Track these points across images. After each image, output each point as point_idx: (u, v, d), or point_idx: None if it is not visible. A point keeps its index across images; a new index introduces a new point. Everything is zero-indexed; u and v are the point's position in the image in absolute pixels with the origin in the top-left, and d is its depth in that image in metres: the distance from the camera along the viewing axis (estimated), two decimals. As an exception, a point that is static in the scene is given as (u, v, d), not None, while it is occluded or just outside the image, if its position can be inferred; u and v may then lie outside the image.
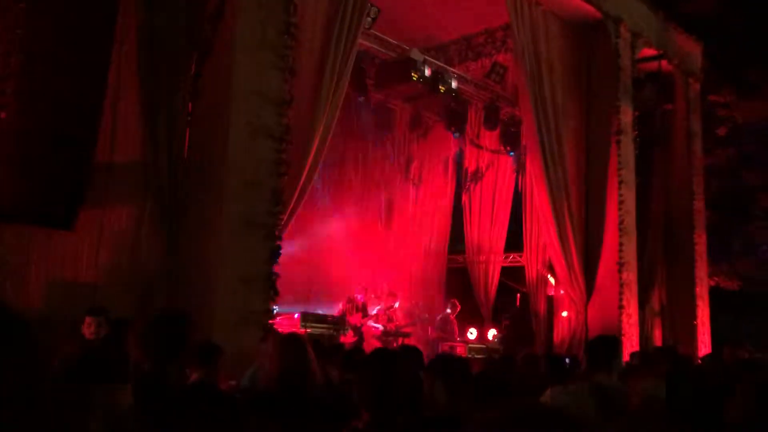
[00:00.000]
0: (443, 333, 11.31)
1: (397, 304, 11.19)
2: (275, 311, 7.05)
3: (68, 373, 2.02)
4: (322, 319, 9.31)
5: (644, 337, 11.53)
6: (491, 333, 12.00)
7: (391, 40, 10.26)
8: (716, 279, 16.12)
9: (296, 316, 9.01)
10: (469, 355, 10.15)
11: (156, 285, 6.35)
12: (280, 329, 8.11)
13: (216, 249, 6.43)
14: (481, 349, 10.71)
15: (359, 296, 10.98)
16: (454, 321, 11.57)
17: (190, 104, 6.71)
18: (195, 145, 6.71)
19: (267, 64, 6.76)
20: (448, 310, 11.64)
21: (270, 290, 6.76)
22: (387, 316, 10.99)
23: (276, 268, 6.80)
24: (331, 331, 9.08)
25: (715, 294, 13.95)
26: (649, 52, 12.09)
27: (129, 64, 6.52)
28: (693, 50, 13.44)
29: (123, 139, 6.50)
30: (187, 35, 6.64)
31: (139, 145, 6.53)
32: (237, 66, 6.61)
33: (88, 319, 5.49)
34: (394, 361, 2.63)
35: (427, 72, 10.42)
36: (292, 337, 3.34)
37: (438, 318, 11.71)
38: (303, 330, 8.82)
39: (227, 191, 6.45)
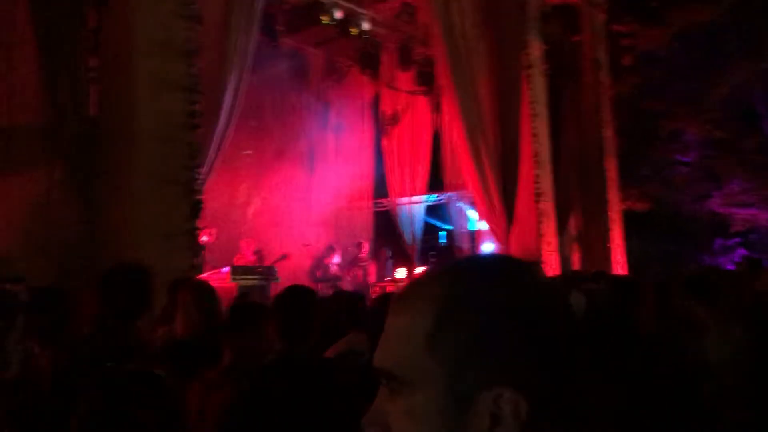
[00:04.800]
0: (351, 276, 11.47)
1: (336, 259, 11.27)
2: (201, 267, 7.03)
3: None
4: (251, 270, 9.30)
5: (563, 262, 12.10)
6: (419, 271, 12.30)
7: (298, -17, 10.05)
8: (627, 203, 16.93)
9: (225, 270, 8.96)
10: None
11: (74, 249, 6.18)
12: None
13: (133, 208, 6.28)
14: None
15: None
16: (366, 260, 11.74)
17: (90, 59, 6.43)
18: (101, 103, 6.46)
19: (170, 13, 6.51)
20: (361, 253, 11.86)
21: (193, 246, 6.69)
22: (323, 267, 11.12)
23: (199, 224, 6.72)
24: (263, 282, 9.09)
25: (626, 217, 14.68)
26: (554, -16, 12.32)
27: (22, 22, 6.17)
28: (596, -19, 13.76)
29: (22, 101, 6.19)
30: (81, -14, 6.31)
31: (40, 106, 6.24)
32: (138, 16, 6.34)
33: (7, 287, 5.33)
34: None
35: (338, 15, 10.30)
36: (206, 287, 3.34)
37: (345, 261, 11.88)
38: (234, 283, 8.80)
39: (139, 148, 6.27)
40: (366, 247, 12.02)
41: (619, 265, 13.26)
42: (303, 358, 2.46)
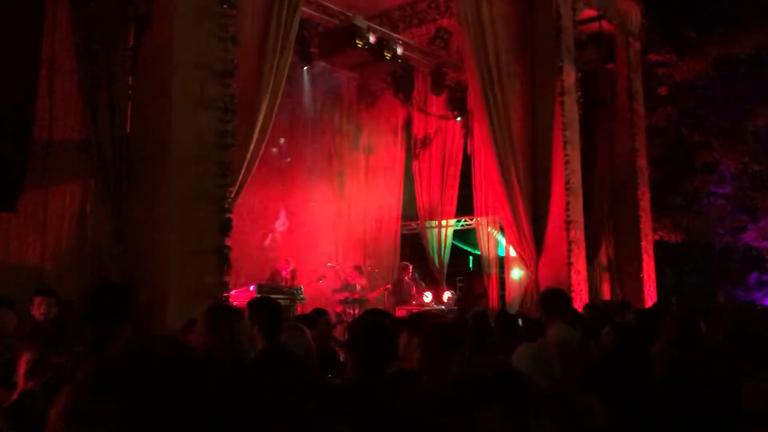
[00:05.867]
0: (397, 297, 11.47)
1: (362, 282, 11.27)
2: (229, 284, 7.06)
3: None
4: (277, 289, 9.33)
5: (593, 291, 11.92)
6: (446, 295, 12.22)
7: (333, 7, 10.17)
8: (660, 233, 16.68)
9: (252, 288, 9.01)
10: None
11: (105, 263, 6.27)
12: (236, 302, 8.14)
13: (165, 224, 6.36)
14: (437, 311, 10.89)
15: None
16: (410, 283, 11.70)
17: (130, 78, 6.57)
18: (138, 120, 6.59)
19: (208, 34, 6.64)
20: (406, 275, 11.80)
21: (223, 263, 6.74)
22: (350, 288, 11.13)
23: (228, 241, 6.77)
24: (288, 301, 9.11)
25: (658, 247, 14.46)
26: (590, 12, 12.29)
27: (64, 39, 6.34)
28: (632, 10, 13.70)
29: (62, 115, 6.35)
30: (122, 6, 6.46)
31: (78, 121, 6.38)
32: (177, 37, 6.48)
33: (37, 300, 5.43)
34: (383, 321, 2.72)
35: (372, 39, 10.37)
36: (219, 308, 3.34)
37: (391, 282, 11.88)
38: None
39: (173, 165, 6.36)
40: (410, 270, 11.92)
41: (650, 297, 13.03)
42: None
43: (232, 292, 7.86)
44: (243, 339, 3.04)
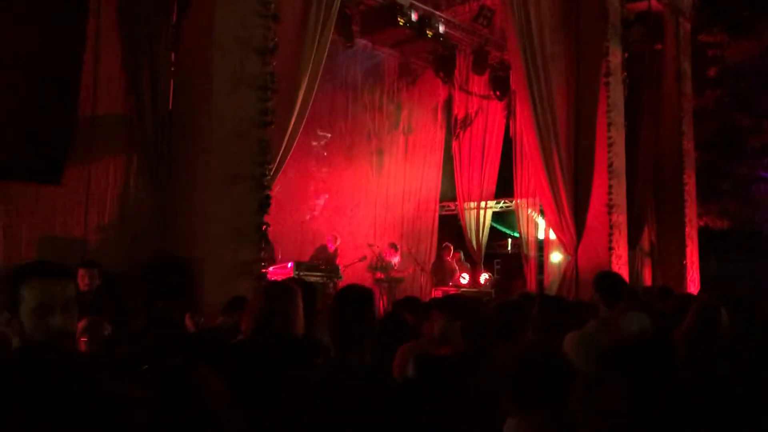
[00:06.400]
0: (437, 277, 11.44)
1: (396, 259, 11.23)
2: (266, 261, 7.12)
3: None
4: (315, 267, 9.38)
5: (634, 277, 11.71)
6: (483, 277, 12.15)
7: (375, -16, 10.07)
8: (705, 219, 16.26)
9: (289, 265, 9.08)
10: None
11: (145, 237, 6.38)
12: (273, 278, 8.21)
13: (204, 200, 6.43)
14: (473, 293, 10.84)
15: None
16: (451, 263, 11.64)
17: (172, 54, 6.61)
18: (179, 96, 6.64)
19: (249, 11, 6.63)
20: (447, 256, 11.76)
21: (261, 240, 6.79)
22: (385, 266, 11.12)
23: (267, 219, 6.82)
24: (325, 279, 9.15)
25: (703, 234, 14.10)
26: (639, -9, 11.94)
27: (108, 15, 6.40)
28: (683, -11, 13.27)
29: (105, 91, 6.43)
30: (165, -17, 6.50)
31: (122, 97, 6.46)
32: (218, 14, 6.49)
33: (81, 272, 5.56)
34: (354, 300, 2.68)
35: (414, 16, 10.26)
36: (277, 284, 3.39)
37: (431, 263, 11.85)
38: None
39: (213, 142, 6.40)
40: (451, 250, 11.82)
41: (693, 283, 12.75)
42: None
43: (270, 269, 7.94)
44: (297, 318, 3.03)
